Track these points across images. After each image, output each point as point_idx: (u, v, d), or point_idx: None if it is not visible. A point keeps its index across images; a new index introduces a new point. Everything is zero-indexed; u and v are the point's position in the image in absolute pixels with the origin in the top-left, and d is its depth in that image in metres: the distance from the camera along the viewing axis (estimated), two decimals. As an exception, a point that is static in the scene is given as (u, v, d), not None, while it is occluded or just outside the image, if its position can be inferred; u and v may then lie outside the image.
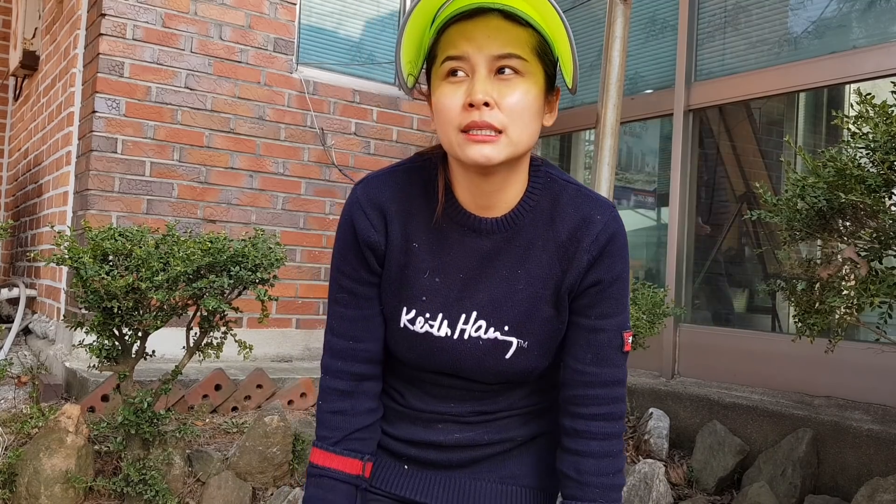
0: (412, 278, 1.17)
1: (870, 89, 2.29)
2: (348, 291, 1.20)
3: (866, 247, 2.20)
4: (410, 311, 1.18)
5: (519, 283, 1.16)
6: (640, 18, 4.51)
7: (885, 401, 3.23)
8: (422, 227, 1.16)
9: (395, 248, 1.17)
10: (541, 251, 1.15)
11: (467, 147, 1.04)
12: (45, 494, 2.50)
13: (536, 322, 1.16)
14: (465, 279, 1.16)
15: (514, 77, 1.04)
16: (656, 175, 5.23)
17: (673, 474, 3.25)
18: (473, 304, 1.16)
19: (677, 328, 4.02)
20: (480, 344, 1.16)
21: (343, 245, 1.19)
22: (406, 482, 1.25)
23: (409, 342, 1.19)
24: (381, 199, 1.17)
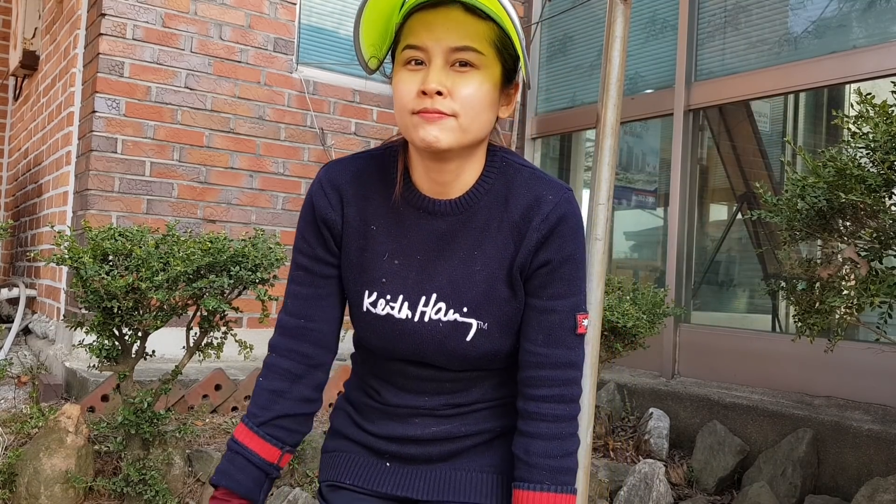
0: (371, 261, 1.19)
1: (870, 89, 2.29)
2: (304, 269, 1.22)
3: (866, 247, 2.20)
4: (372, 293, 1.19)
5: (476, 265, 1.17)
6: (640, 18, 4.51)
7: (886, 401, 3.23)
8: (380, 211, 1.19)
9: (352, 230, 1.20)
10: (496, 232, 1.17)
11: (419, 127, 1.08)
12: (44, 494, 2.50)
13: (494, 303, 1.17)
14: (423, 261, 1.18)
15: (469, 70, 1.07)
16: (656, 175, 5.23)
17: (673, 474, 3.25)
18: (433, 286, 1.18)
19: (677, 328, 4.02)
20: (441, 326, 1.17)
21: (303, 224, 1.23)
22: (387, 479, 1.26)
23: (372, 326, 1.20)
24: (340, 182, 1.20)
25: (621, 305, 2.93)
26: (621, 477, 3.11)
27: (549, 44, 5.23)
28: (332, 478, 1.29)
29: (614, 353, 2.98)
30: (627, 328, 2.85)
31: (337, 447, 1.31)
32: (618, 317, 2.85)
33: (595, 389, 1.86)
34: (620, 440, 3.55)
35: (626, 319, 2.85)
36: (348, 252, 1.21)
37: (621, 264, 5.27)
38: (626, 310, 2.90)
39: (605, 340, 2.87)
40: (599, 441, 3.48)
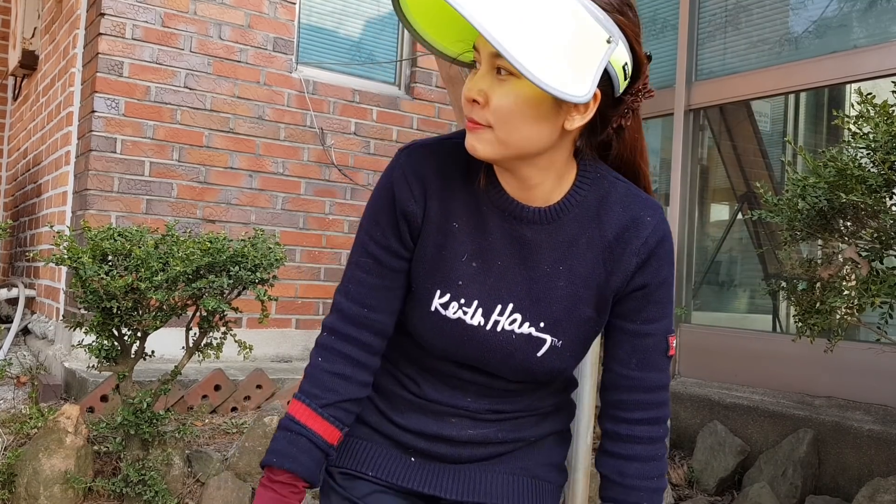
0: (449, 260, 1.11)
1: (870, 89, 2.29)
2: (374, 258, 1.13)
3: (867, 247, 2.20)
4: (444, 294, 1.12)
5: (560, 280, 1.11)
6: (641, 17, 4.48)
7: (886, 401, 3.22)
8: (462, 208, 1.11)
9: (432, 224, 1.11)
10: (585, 249, 1.11)
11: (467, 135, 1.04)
12: (44, 495, 2.50)
13: (574, 322, 1.13)
14: (503, 267, 1.11)
15: (508, 78, 0.99)
16: (656, 175, 5.22)
17: (673, 475, 3.24)
18: (511, 295, 1.12)
19: (678, 328, 4.02)
20: (513, 338, 1.12)
21: (377, 209, 1.13)
22: (413, 474, 1.20)
23: (438, 328, 1.13)
24: (425, 171, 1.11)
25: (621, 306, 2.92)
26: (621, 477, 3.11)
27: (549, 43, 5.22)
28: (351, 466, 1.22)
29: (614, 354, 2.97)
30: (628, 328, 2.85)
31: (356, 433, 1.23)
32: (618, 317, 2.84)
33: (595, 390, 1.85)
34: (620, 440, 3.55)
35: (627, 320, 2.84)
36: (425, 247, 1.12)
37: (621, 264, 5.26)
38: (627, 310, 2.90)
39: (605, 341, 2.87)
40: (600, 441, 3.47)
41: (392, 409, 1.21)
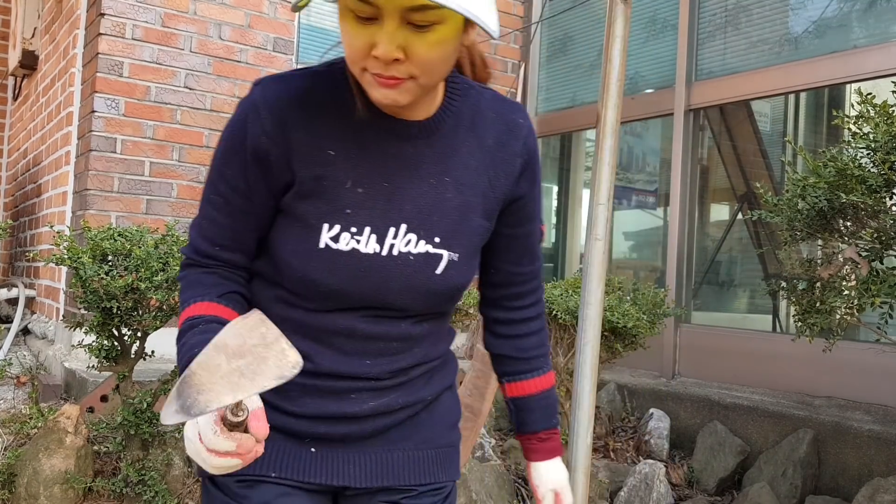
0: (332, 190, 1.05)
1: (870, 89, 2.29)
2: (223, 197, 1.08)
3: (867, 247, 2.20)
4: (333, 227, 1.05)
5: (448, 192, 1.09)
6: (641, 18, 4.50)
7: (886, 401, 3.22)
8: (336, 133, 1.05)
9: (302, 157, 1.04)
10: (467, 157, 1.11)
11: (374, 88, 0.99)
12: (44, 495, 2.50)
13: (466, 233, 1.11)
14: (390, 188, 1.07)
15: (432, 27, 0.94)
16: (656, 175, 5.23)
17: (673, 475, 3.25)
18: (401, 215, 1.07)
19: (678, 328, 4.02)
20: (411, 259, 1.08)
21: (229, 147, 1.06)
22: (317, 467, 1.13)
23: (331, 265, 1.05)
24: (282, 104, 1.04)
25: (621, 306, 2.92)
26: (621, 477, 3.11)
27: (550, 44, 5.23)
28: (249, 471, 1.07)
29: (614, 354, 2.98)
30: (628, 328, 2.85)
31: None
32: (618, 317, 2.84)
33: (595, 390, 1.85)
34: (621, 441, 3.55)
35: (627, 320, 2.84)
36: (301, 182, 1.04)
37: (621, 264, 5.27)
38: (627, 310, 2.90)
39: (605, 341, 2.87)
40: (599, 441, 3.47)
41: (283, 398, 1.10)
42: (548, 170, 5.44)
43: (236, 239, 1.10)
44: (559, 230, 5.42)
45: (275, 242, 1.09)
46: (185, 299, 1.08)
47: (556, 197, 5.53)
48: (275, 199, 1.07)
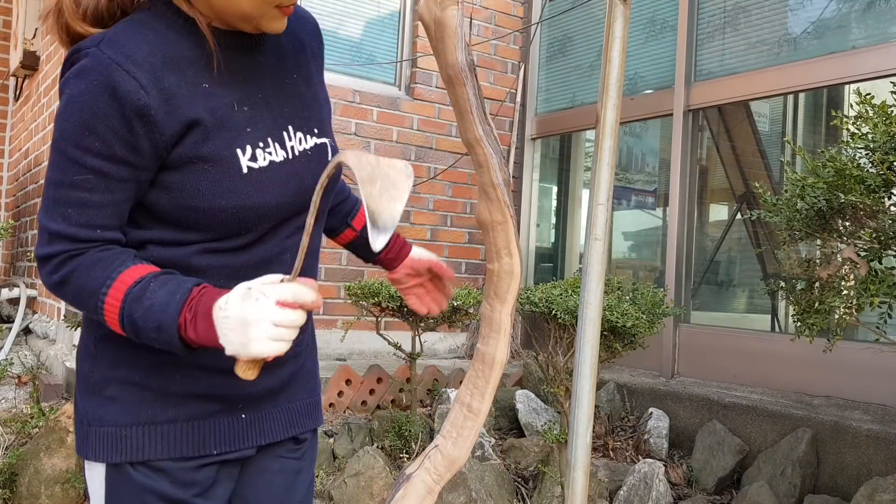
0: (227, 118, 1.07)
1: (869, 89, 2.29)
2: (97, 172, 1.01)
3: (866, 247, 2.20)
4: (246, 149, 1.08)
5: (300, 87, 1.19)
6: (640, 18, 4.51)
7: (885, 401, 3.23)
8: (198, 66, 1.06)
9: (187, 100, 1.04)
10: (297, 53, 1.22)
11: (277, 20, 1.07)
12: (45, 494, 2.51)
13: (326, 119, 1.23)
14: (264, 99, 1.12)
15: None
16: (656, 175, 5.24)
17: (673, 474, 3.25)
18: (284, 117, 1.14)
19: (677, 328, 4.03)
20: (310, 155, 1.16)
21: (90, 118, 0.99)
22: (248, 433, 1.17)
23: (259, 185, 1.09)
24: (141, 55, 1.01)
25: (621, 305, 2.93)
26: (621, 477, 3.12)
27: (549, 44, 5.24)
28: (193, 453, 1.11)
29: (614, 353, 2.98)
30: (627, 328, 2.86)
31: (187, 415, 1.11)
32: (617, 317, 2.85)
33: (594, 389, 1.86)
34: (620, 440, 3.56)
35: (626, 319, 2.85)
36: (200, 121, 1.04)
37: (621, 264, 5.28)
38: (626, 310, 2.90)
39: (604, 340, 2.88)
40: (599, 441, 3.48)
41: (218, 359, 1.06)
42: (548, 170, 5.45)
43: (118, 215, 1.05)
44: (559, 230, 5.43)
45: (181, 202, 1.06)
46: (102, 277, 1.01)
47: (555, 197, 5.53)
48: (160, 159, 1.04)
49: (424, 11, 1.35)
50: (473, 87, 1.35)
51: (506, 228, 1.41)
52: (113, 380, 1.10)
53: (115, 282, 1.00)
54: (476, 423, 1.46)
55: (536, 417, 3.63)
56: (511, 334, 1.42)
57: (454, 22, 1.32)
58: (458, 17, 1.33)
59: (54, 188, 1.02)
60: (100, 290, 1.00)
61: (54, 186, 1.02)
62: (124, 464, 1.09)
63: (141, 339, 1.01)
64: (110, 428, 1.09)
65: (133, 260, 1.04)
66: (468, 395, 1.45)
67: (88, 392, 1.12)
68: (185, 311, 0.99)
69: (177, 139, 1.04)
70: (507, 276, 1.42)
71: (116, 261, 1.03)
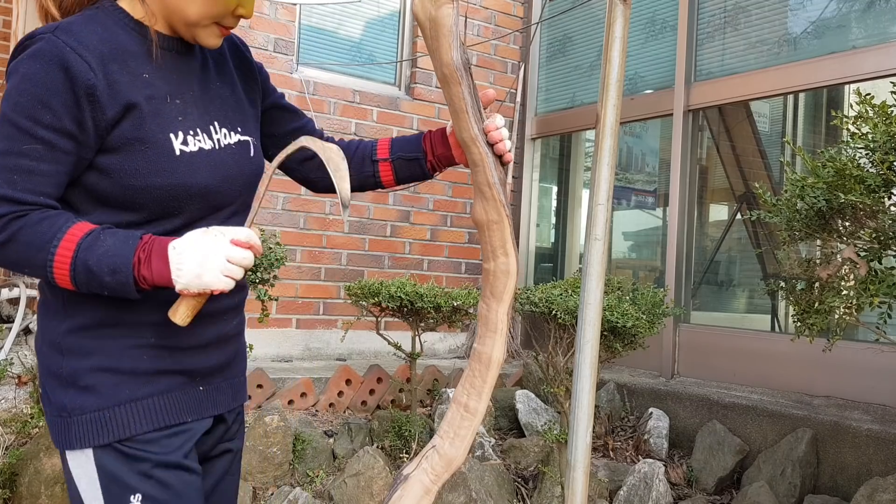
0: (162, 106, 1.19)
1: (869, 89, 2.29)
2: (45, 143, 1.10)
3: (866, 247, 2.20)
4: (178, 134, 1.19)
5: (225, 90, 1.32)
6: (640, 18, 4.51)
7: (885, 401, 3.23)
8: (142, 60, 1.19)
9: (129, 85, 1.15)
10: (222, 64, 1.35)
11: (215, 37, 1.23)
12: (45, 494, 2.51)
13: (251, 121, 1.36)
14: (194, 96, 1.25)
15: None
16: (656, 175, 5.24)
17: (672, 474, 3.25)
18: (210, 114, 1.26)
19: (677, 328, 4.03)
20: (234, 148, 1.28)
21: (44, 92, 1.09)
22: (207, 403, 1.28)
23: (190, 167, 1.19)
24: (91, 42, 1.13)
25: (621, 305, 2.93)
26: (621, 477, 3.12)
27: (549, 44, 5.24)
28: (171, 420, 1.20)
29: (614, 353, 2.98)
30: (627, 328, 2.86)
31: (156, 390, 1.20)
32: (617, 317, 2.85)
33: (595, 389, 1.86)
34: (620, 440, 3.56)
35: (626, 319, 2.85)
36: (138, 105, 1.15)
37: (621, 264, 5.28)
38: (626, 310, 2.90)
39: (604, 340, 2.88)
40: (599, 441, 3.48)
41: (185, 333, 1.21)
42: (548, 170, 5.45)
43: (58, 186, 1.13)
44: (559, 230, 5.43)
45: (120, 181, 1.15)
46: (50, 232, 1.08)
47: (555, 197, 5.53)
48: (100, 139, 1.14)
49: (419, 10, 1.34)
50: (469, 86, 1.35)
51: (501, 228, 1.41)
52: (85, 369, 1.17)
53: (66, 234, 1.09)
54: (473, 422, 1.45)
55: (536, 417, 3.63)
56: (509, 334, 1.41)
57: (449, 21, 1.32)
58: (453, 16, 1.33)
59: (2, 157, 1.10)
60: (50, 243, 1.08)
61: (2, 156, 1.10)
62: (112, 443, 1.17)
63: (92, 286, 1.09)
64: (93, 413, 1.17)
65: (78, 217, 1.13)
66: (465, 394, 1.45)
67: (62, 386, 1.19)
68: (139, 252, 1.09)
69: (116, 120, 1.14)
70: (503, 275, 1.42)
71: (62, 217, 1.11)
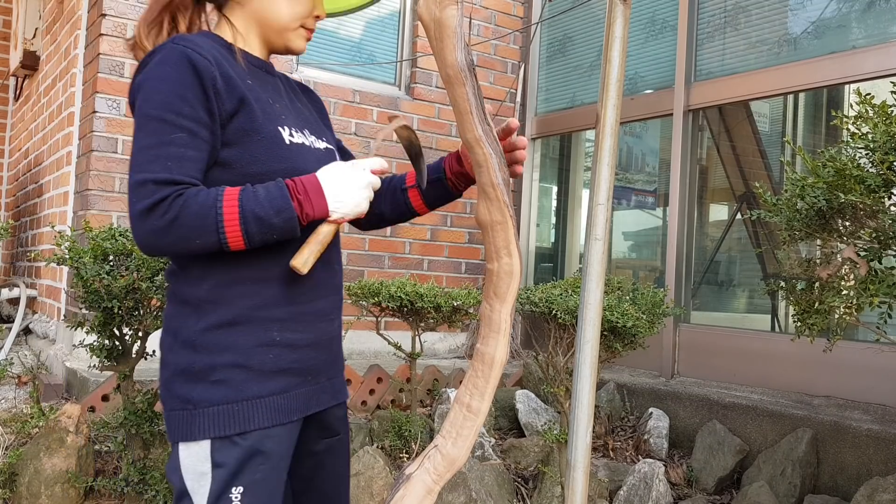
0: (266, 106, 1.35)
1: (869, 89, 2.29)
2: (188, 131, 1.23)
3: (866, 247, 2.20)
4: (285, 128, 1.35)
5: (305, 110, 1.50)
6: (640, 18, 4.51)
7: (885, 400, 3.23)
8: (243, 73, 1.35)
9: (241, 86, 1.31)
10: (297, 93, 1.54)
11: (301, 39, 1.45)
12: (45, 494, 2.51)
13: (331, 137, 1.52)
14: (285, 105, 1.43)
15: None
16: (656, 175, 5.23)
17: (673, 474, 3.25)
18: (299, 122, 1.43)
19: (677, 328, 4.03)
20: (323, 152, 1.44)
21: (179, 88, 1.23)
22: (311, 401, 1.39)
23: (299, 155, 1.35)
24: (206, 45, 1.30)
25: (621, 305, 2.93)
26: (621, 477, 3.12)
27: (549, 44, 5.24)
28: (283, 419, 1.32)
29: (614, 353, 2.98)
30: (627, 328, 2.85)
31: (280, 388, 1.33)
32: (617, 317, 2.85)
33: (595, 389, 1.86)
34: (620, 440, 3.56)
35: (626, 319, 2.85)
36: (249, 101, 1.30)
37: (621, 264, 5.28)
38: (626, 310, 2.90)
39: (604, 340, 2.88)
40: (599, 441, 3.48)
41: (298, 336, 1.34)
42: (548, 170, 5.45)
43: (202, 171, 1.26)
44: (559, 230, 5.43)
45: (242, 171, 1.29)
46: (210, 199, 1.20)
47: (555, 197, 5.53)
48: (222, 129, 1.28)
49: (424, 11, 1.35)
50: (473, 87, 1.35)
51: (505, 228, 1.41)
52: (219, 365, 1.28)
53: (224, 195, 1.21)
54: (476, 422, 1.45)
55: (536, 417, 3.63)
56: (510, 334, 1.42)
57: (454, 22, 1.32)
58: (458, 17, 1.33)
59: (150, 150, 1.21)
60: (214, 207, 1.20)
61: (149, 149, 1.21)
62: (231, 435, 1.27)
63: (263, 231, 1.22)
64: (220, 406, 1.27)
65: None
66: (468, 395, 1.45)
67: (192, 380, 1.29)
68: (296, 194, 1.24)
69: (232, 114, 1.28)
70: (506, 276, 1.42)
71: (212, 189, 1.23)
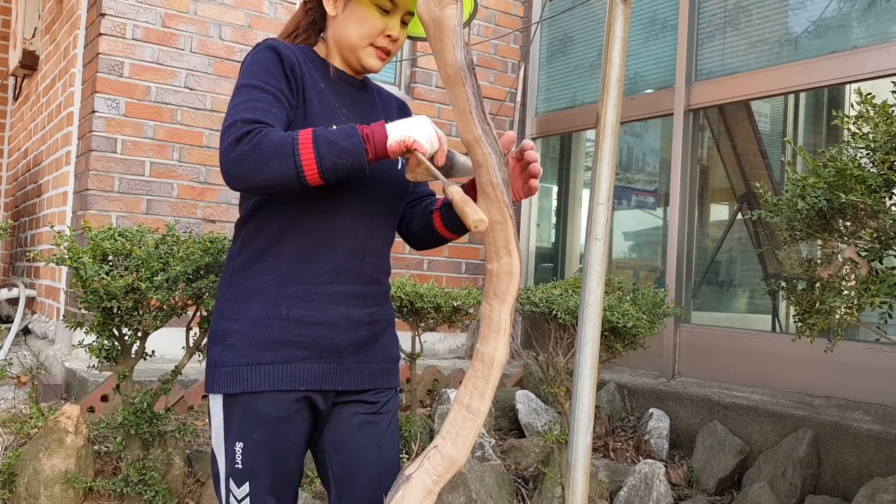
0: (329, 109, 1.53)
1: (870, 89, 2.29)
2: (273, 94, 1.44)
3: (867, 247, 2.20)
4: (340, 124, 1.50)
5: (378, 117, 1.62)
6: (641, 18, 4.50)
7: (886, 401, 3.23)
8: (318, 78, 1.55)
9: (308, 83, 1.51)
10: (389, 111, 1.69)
11: (372, 58, 1.57)
12: (44, 495, 2.50)
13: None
14: (358, 113, 1.59)
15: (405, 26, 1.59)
16: (656, 175, 5.23)
17: (673, 474, 3.25)
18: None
19: (677, 328, 4.02)
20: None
21: (269, 65, 1.47)
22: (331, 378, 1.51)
23: None
24: (290, 48, 1.52)
25: (621, 305, 2.93)
26: (621, 477, 3.11)
27: (549, 44, 5.23)
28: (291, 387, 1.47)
29: (614, 353, 2.98)
30: (627, 328, 2.85)
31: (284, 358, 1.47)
32: (618, 317, 2.84)
33: (595, 389, 1.86)
34: (620, 440, 3.55)
35: (626, 319, 2.84)
36: (311, 98, 1.50)
37: (621, 264, 5.27)
38: (626, 310, 2.90)
39: (605, 340, 2.87)
40: (599, 441, 3.48)
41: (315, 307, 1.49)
42: (548, 170, 5.44)
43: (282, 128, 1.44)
44: (559, 230, 5.42)
45: None
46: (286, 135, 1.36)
47: (556, 197, 5.53)
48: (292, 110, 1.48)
49: (423, 11, 1.34)
50: (473, 87, 1.35)
51: (505, 228, 1.41)
52: (232, 331, 1.48)
53: (300, 130, 1.37)
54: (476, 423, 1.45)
55: (537, 418, 3.62)
56: (510, 334, 1.41)
57: (453, 21, 1.32)
58: (458, 17, 1.32)
59: (241, 105, 1.41)
60: (291, 135, 1.36)
61: (240, 104, 1.41)
62: (238, 394, 1.46)
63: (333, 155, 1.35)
64: (229, 367, 1.47)
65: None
66: (467, 395, 1.45)
67: (216, 342, 1.50)
68: (361, 127, 1.38)
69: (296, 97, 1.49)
70: (506, 276, 1.42)
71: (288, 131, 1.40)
